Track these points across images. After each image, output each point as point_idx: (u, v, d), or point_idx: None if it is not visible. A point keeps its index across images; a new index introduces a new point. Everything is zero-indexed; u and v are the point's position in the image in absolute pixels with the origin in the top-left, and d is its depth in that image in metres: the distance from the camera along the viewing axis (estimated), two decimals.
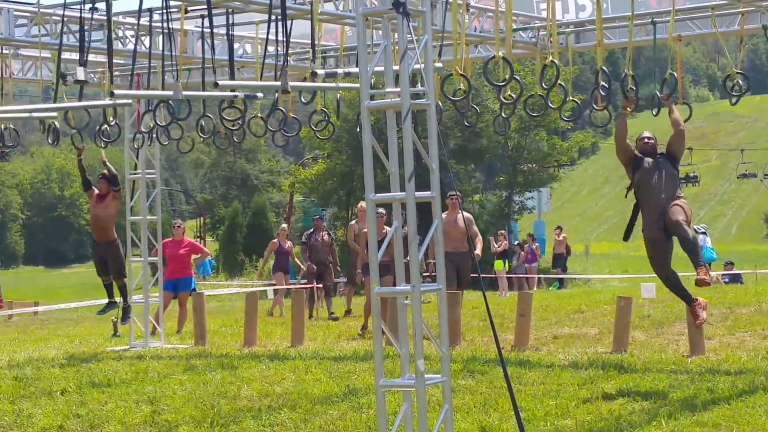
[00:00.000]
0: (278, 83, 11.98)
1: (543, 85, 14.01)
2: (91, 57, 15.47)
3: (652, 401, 10.18)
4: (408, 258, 7.84)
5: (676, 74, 13.77)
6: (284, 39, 11.80)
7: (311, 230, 22.97)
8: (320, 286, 22.84)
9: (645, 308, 19.01)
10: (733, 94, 14.26)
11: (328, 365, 13.23)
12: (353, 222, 19.87)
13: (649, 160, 11.79)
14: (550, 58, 13.69)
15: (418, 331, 7.60)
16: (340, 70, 12.33)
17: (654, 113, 14.15)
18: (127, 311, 17.19)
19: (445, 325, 7.99)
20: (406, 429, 7.84)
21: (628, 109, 12.08)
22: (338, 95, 16.22)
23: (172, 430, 10.03)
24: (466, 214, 17.21)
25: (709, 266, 33.67)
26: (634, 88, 13.30)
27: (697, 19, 15.00)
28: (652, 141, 12.04)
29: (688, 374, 11.48)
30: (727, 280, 32.60)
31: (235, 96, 14.08)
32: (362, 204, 16.92)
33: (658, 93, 13.51)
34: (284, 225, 29.85)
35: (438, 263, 7.98)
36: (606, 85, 13.69)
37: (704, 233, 34.94)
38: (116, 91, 12.85)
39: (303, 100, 15.69)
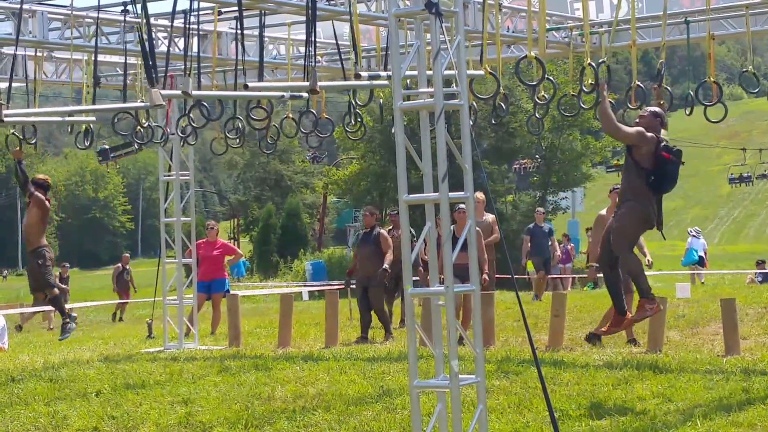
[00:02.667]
0: (307, 83, 12.01)
1: (584, 88, 13.94)
2: (122, 59, 15.56)
3: (687, 401, 10.13)
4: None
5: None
6: (313, 39, 11.81)
7: (390, 227, 21.71)
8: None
9: (680, 308, 18.93)
10: (751, 91, 14.19)
11: (362, 366, 13.22)
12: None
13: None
14: (588, 61, 13.62)
15: (452, 331, 7.59)
16: (383, 72, 12.32)
17: (687, 113, 14.08)
18: (65, 327, 15.47)
19: (479, 326, 7.97)
20: (440, 430, 7.83)
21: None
22: (380, 100, 16.19)
23: (207, 431, 10.05)
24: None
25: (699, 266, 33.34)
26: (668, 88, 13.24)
27: (731, 17, 14.91)
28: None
29: (723, 374, 11.40)
30: (760, 279, 32.40)
31: (262, 97, 14.12)
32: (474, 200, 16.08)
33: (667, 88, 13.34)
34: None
35: (471, 264, 7.97)
36: (641, 85, 13.64)
37: (695, 236, 34.82)
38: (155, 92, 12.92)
39: (358, 101, 15.62)
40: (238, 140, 16.21)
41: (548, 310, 15.70)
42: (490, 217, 17.80)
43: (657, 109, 11.33)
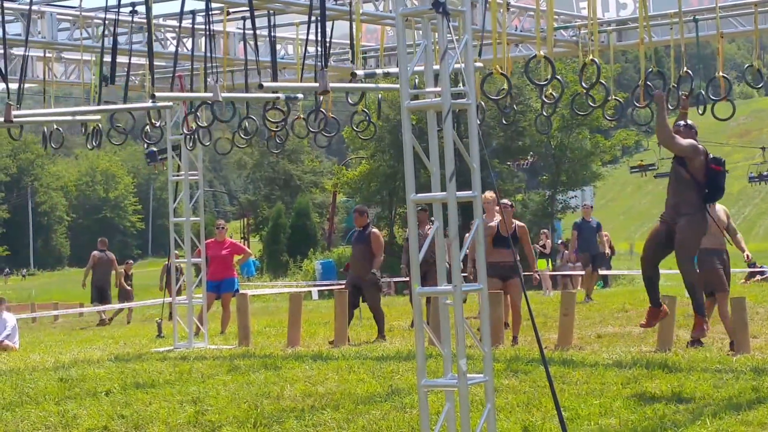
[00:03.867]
0: (317, 84, 12.02)
1: (583, 84, 13.97)
2: (132, 60, 15.59)
3: (697, 400, 10.12)
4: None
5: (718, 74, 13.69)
6: (322, 40, 11.81)
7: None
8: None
9: (689, 307, 18.87)
10: (755, 86, 14.22)
11: (371, 365, 13.23)
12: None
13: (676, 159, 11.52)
14: (591, 57, 13.63)
15: (461, 330, 7.59)
16: (379, 71, 12.34)
17: (700, 112, 14.08)
18: None
19: (488, 325, 7.98)
20: (449, 429, 7.83)
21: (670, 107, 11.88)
22: (379, 96, 16.22)
23: (216, 431, 10.07)
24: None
25: None
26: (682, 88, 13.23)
27: (740, 15, 14.90)
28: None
29: (733, 373, 11.39)
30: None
31: (277, 97, 14.13)
32: (487, 194, 15.91)
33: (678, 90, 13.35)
34: None
35: (479, 263, 7.97)
36: (650, 84, 13.63)
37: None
38: (158, 94, 12.95)
39: (350, 101, 15.70)
40: (247, 140, 16.25)
41: (557, 309, 15.69)
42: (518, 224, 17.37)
43: (690, 121, 11.50)
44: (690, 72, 13.84)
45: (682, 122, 11.55)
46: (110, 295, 28.42)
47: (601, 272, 31.85)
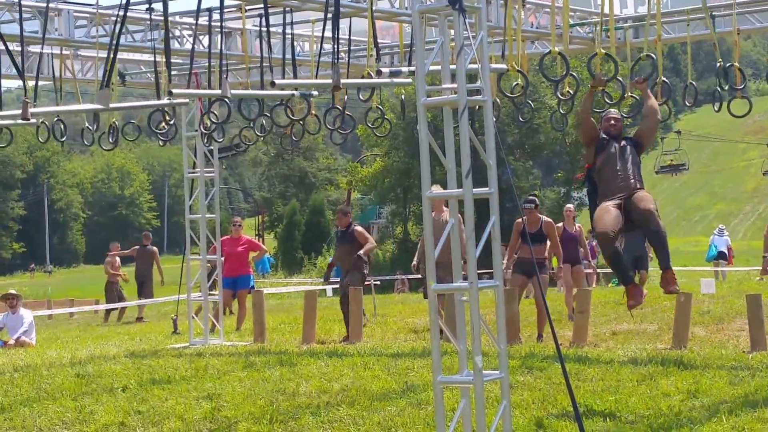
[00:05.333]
0: (330, 81, 12.03)
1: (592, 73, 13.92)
2: (148, 57, 15.63)
3: (713, 398, 10.10)
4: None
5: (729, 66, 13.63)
6: (336, 36, 11.82)
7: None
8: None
9: (705, 304, 18.89)
10: None
11: (386, 362, 13.25)
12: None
13: (615, 144, 11.34)
14: (603, 51, 13.55)
15: (477, 327, 7.60)
16: (404, 69, 12.33)
17: (716, 109, 14.03)
18: None
19: (503, 322, 7.98)
20: (464, 425, 7.84)
21: (599, 87, 11.79)
22: (402, 96, 16.21)
23: (232, 427, 10.09)
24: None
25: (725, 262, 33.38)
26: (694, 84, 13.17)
27: (757, 12, 14.86)
28: (619, 123, 11.57)
29: (748, 370, 11.38)
30: None
31: (292, 94, 14.14)
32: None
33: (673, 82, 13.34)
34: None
35: (495, 260, 7.97)
36: (666, 81, 13.60)
37: (717, 234, 34.80)
38: (174, 91, 12.98)
39: (361, 97, 15.72)
40: (278, 139, 16.30)
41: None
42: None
43: (616, 114, 11.58)
44: (652, 55, 13.71)
45: (613, 111, 11.63)
46: (151, 290, 28.31)
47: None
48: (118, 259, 29.44)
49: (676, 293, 11.50)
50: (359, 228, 17.63)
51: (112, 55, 10.48)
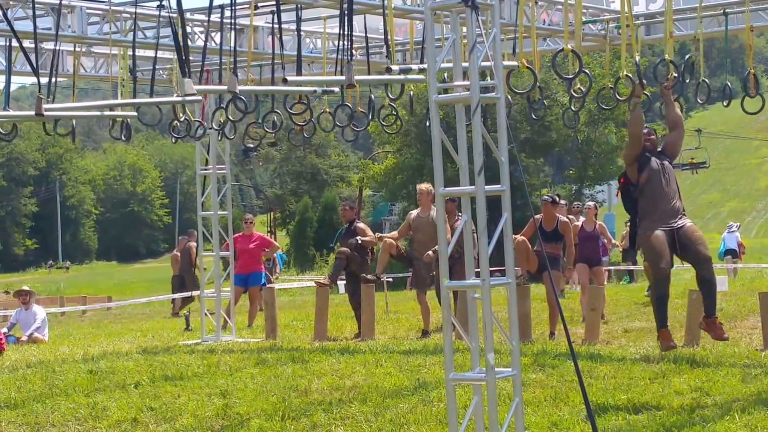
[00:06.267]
0: (343, 78, 12.03)
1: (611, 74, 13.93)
2: (159, 54, 15.65)
3: (725, 396, 10.07)
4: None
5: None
6: (349, 33, 11.82)
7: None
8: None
9: (717, 302, 18.82)
10: None
11: (398, 359, 13.25)
12: None
13: (654, 159, 11.31)
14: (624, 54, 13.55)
15: (489, 324, 7.59)
16: (414, 66, 12.32)
17: (725, 104, 14.00)
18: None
19: (515, 319, 7.97)
20: (476, 423, 7.84)
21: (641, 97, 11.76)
22: (411, 92, 16.20)
23: (244, 423, 10.10)
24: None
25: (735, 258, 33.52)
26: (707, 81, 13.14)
27: None
28: (652, 136, 11.57)
29: (761, 368, 11.35)
30: None
31: (314, 90, 14.15)
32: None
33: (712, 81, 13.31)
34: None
35: (507, 255, 7.95)
36: (679, 77, 13.57)
37: (729, 231, 34.81)
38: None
39: (390, 95, 15.65)
40: (287, 136, 16.31)
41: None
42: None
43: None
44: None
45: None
46: (190, 284, 28.10)
47: (629, 267, 31.80)
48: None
49: (727, 340, 11.83)
50: (362, 225, 17.73)
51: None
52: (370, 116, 15.79)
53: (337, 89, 14.52)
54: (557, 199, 16.43)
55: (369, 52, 16.34)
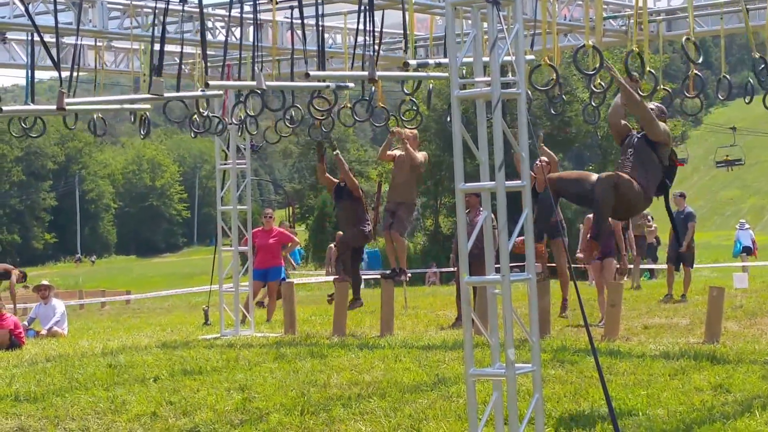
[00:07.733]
0: (365, 73, 12.03)
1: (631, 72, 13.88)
2: (178, 48, 15.67)
3: (746, 392, 10.05)
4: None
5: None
6: (371, 29, 11.82)
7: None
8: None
9: (737, 298, 18.80)
10: None
11: (417, 354, 13.26)
12: None
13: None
14: (635, 48, 13.49)
15: (509, 320, 7.58)
16: (431, 61, 12.34)
17: (746, 101, 13.95)
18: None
19: (536, 314, 7.97)
20: (496, 418, 7.84)
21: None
22: (430, 86, 16.19)
23: (263, 418, 10.11)
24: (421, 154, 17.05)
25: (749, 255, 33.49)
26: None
27: None
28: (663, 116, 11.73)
29: None
30: None
31: (327, 86, 14.14)
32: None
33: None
34: None
35: (528, 253, 7.94)
36: (699, 74, 13.53)
37: (740, 228, 34.77)
38: (210, 82, 13.04)
39: (406, 90, 15.70)
40: (292, 129, 16.32)
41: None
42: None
43: (661, 105, 11.54)
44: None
45: (654, 104, 11.60)
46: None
47: (647, 265, 31.73)
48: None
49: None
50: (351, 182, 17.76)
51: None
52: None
53: (352, 84, 14.52)
54: None
55: (389, 47, 16.40)
